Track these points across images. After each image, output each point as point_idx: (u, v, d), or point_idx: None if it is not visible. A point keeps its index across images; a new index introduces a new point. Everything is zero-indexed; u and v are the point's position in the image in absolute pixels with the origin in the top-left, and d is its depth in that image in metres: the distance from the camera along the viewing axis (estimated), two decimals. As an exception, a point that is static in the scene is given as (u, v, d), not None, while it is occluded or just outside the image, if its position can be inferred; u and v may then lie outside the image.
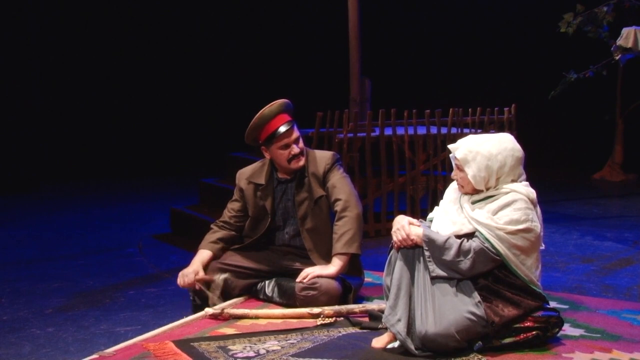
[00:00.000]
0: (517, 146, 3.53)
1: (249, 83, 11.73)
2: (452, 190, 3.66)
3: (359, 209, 4.22)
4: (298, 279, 4.13)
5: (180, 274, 4.22)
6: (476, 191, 3.51)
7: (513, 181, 3.49)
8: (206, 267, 4.26)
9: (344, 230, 4.14)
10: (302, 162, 4.26)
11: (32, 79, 10.25)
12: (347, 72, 7.43)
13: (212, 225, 4.47)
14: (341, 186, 4.25)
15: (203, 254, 4.32)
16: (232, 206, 4.44)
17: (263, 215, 4.36)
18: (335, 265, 4.13)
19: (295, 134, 4.23)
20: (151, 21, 11.57)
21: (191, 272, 4.18)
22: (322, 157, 4.34)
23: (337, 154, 4.45)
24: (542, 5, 10.41)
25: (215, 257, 4.32)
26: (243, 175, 4.44)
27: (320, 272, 4.10)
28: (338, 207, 4.21)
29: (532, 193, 3.49)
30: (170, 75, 11.78)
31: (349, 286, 4.20)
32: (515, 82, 10.76)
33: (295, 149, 4.22)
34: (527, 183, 3.53)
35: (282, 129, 4.19)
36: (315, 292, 4.06)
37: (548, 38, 9.80)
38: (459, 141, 3.57)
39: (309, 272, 4.11)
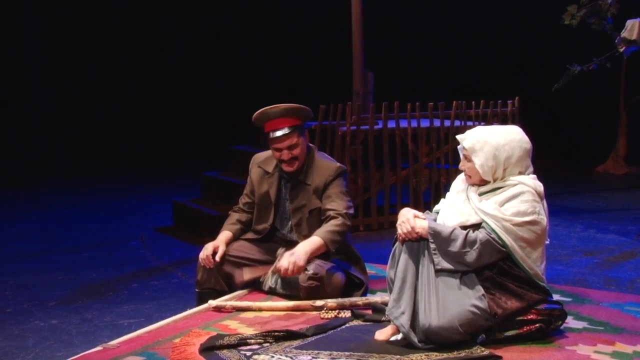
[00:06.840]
0: (525, 138, 3.53)
1: (252, 76, 11.73)
2: (459, 182, 3.66)
3: (349, 222, 4.16)
4: (273, 269, 4.13)
5: (204, 248, 4.22)
6: (483, 182, 3.51)
7: (520, 173, 3.49)
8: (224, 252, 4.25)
9: (333, 229, 4.08)
10: (293, 168, 4.20)
11: (32, 75, 10.28)
12: (350, 65, 7.42)
13: (229, 212, 4.48)
14: (337, 199, 4.18)
15: (225, 234, 4.32)
16: (246, 191, 4.46)
17: (267, 204, 4.33)
18: (307, 244, 4.03)
19: (290, 141, 4.12)
20: (154, 16, 11.58)
21: (210, 245, 4.18)
22: (327, 168, 4.25)
23: (343, 165, 4.36)
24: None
25: (234, 237, 4.32)
26: (257, 159, 4.43)
27: (294, 260, 3.97)
28: (329, 213, 4.14)
29: (540, 186, 3.48)
30: (173, 69, 11.78)
31: (349, 276, 4.18)
32: (518, 75, 10.74)
33: (285, 155, 4.15)
34: (535, 176, 3.52)
35: (277, 133, 4.11)
36: (319, 282, 4.05)
37: (552, 30, 9.77)
38: (468, 131, 3.57)
39: (282, 266, 3.99)
